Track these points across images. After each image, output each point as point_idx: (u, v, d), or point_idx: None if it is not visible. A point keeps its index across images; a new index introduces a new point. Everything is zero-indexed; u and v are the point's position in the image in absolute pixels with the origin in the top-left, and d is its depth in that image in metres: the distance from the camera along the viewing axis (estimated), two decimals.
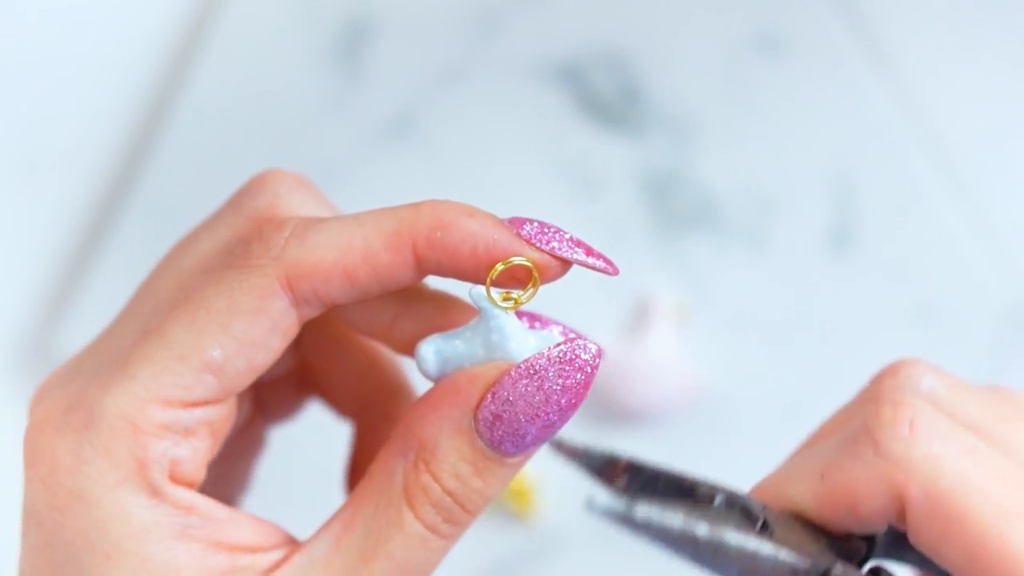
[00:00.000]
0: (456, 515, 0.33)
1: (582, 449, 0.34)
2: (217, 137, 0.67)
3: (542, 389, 0.32)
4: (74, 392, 0.32)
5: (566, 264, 0.33)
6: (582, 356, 0.32)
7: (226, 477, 0.40)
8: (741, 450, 0.61)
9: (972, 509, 0.31)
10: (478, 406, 0.32)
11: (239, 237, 0.33)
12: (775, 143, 0.65)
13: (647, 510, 0.31)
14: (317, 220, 0.33)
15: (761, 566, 0.31)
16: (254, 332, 0.32)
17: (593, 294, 0.65)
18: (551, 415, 0.32)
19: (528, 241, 0.33)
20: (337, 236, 0.33)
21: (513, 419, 0.32)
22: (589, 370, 0.32)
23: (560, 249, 0.33)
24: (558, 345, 0.32)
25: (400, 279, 0.33)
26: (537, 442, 0.32)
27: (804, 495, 0.33)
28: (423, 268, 0.33)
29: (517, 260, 0.33)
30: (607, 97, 0.66)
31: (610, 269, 0.33)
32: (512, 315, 0.33)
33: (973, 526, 0.31)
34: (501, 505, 0.64)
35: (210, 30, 0.67)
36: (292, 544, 0.34)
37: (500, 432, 0.32)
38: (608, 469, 0.34)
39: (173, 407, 0.32)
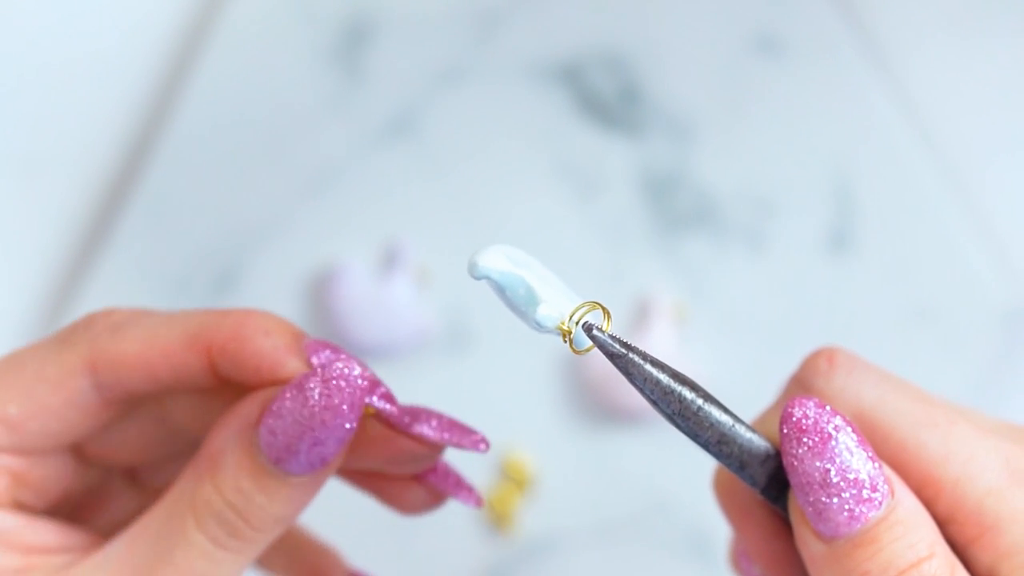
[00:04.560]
0: (241, 530, 0.33)
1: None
2: (217, 137, 0.67)
3: (306, 406, 0.32)
4: None
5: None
6: (344, 377, 0.32)
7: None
8: None
9: (891, 424, 0.34)
10: (259, 418, 0.33)
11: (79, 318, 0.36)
12: (775, 143, 0.65)
13: (643, 356, 0.33)
14: (142, 315, 0.35)
15: (736, 441, 0.33)
16: (53, 401, 0.35)
17: (593, 294, 0.65)
18: (317, 432, 0.32)
19: (312, 368, 0.34)
20: (145, 331, 0.35)
21: (284, 434, 0.32)
22: (350, 391, 0.32)
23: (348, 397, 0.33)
24: (322, 364, 0.33)
25: (196, 379, 0.35)
26: (314, 460, 0.33)
27: None
28: (218, 373, 0.35)
29: (373, 407, 0.34)
30: (607, 97, 0.66)
31: (391, 411, 0.34)
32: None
33: (895, 439, 0.34)
34: (482, 514, 0.64)
35: (210, 30, 0.67)
36: (91, 545, 0.35)
37: (276, 448, 0.33)
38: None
39: None
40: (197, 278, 0.66)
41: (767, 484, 0.34)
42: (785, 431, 0.32)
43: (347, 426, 0.32)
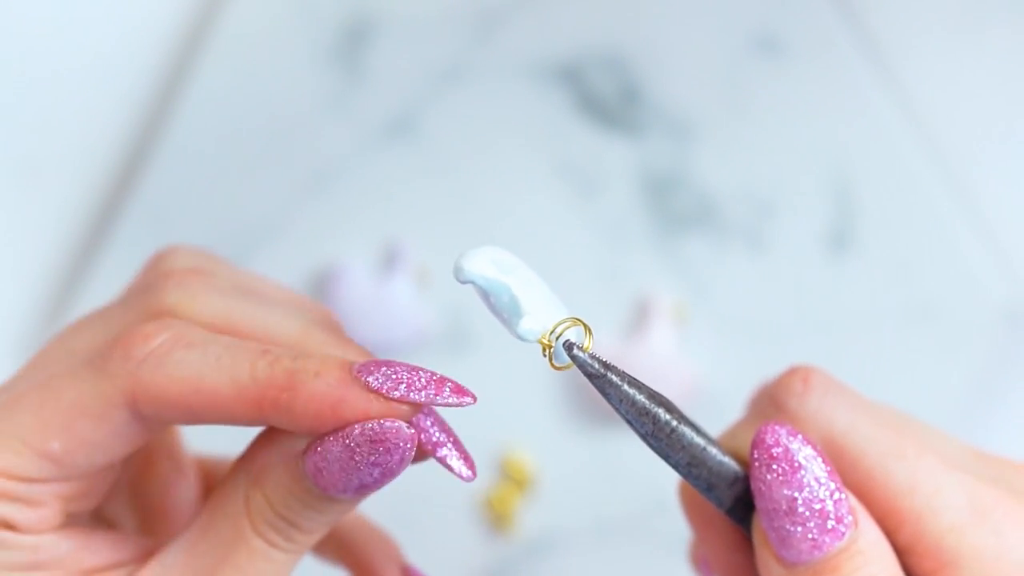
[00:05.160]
0: (294, 535, 0.34)
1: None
2: (217, 137, 0.67)
3: (354, 460, 0.32)
4: None
5: (417, 407, 0.33)
6: (392, 441, 0.32)
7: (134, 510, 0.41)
8: None
9: (860, 452, 0.34)
10: (306, 451, 0.33)
11: (114, 337, 0.35)
12: (775, 143, 0.65)
13: (620, 375, 0.33)
14: (186, 343, 0.34)
15: (708, 461, 0.34)
16: (96, 436, 0.34)
17: (592, 294, 0.65)
18: (366, 480, 0.33)
19: (376, 392, 0.33)
20: (189, 371, 0.33)
21: (330, 474, 0.33)
22: (400, 452, 0.32)
23: (409, 395, 0.33)
24: (369, 424, 0.32)
25: (241, 423, 0.34)
26: (363, 492, 0.33)
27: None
28: (268, 421, 0.34)
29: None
30: (607, 97, 0.66)
31: (465, 401, 0.34)
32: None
33: (862, 467, 0.34)
34: (482, 514, 0.64)
35: (210, 30, 0.67)
36: (150, 554, 0.35)
37: (323, 481, 0.33)
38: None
39: (10, 480, 0.34)
40: None
41: (733, 505, 0.35)
42: (756, 456, 0.33)
43: (396, 470, 0.33)
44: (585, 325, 0.33)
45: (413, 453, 0.33)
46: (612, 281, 0.65)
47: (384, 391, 0.33)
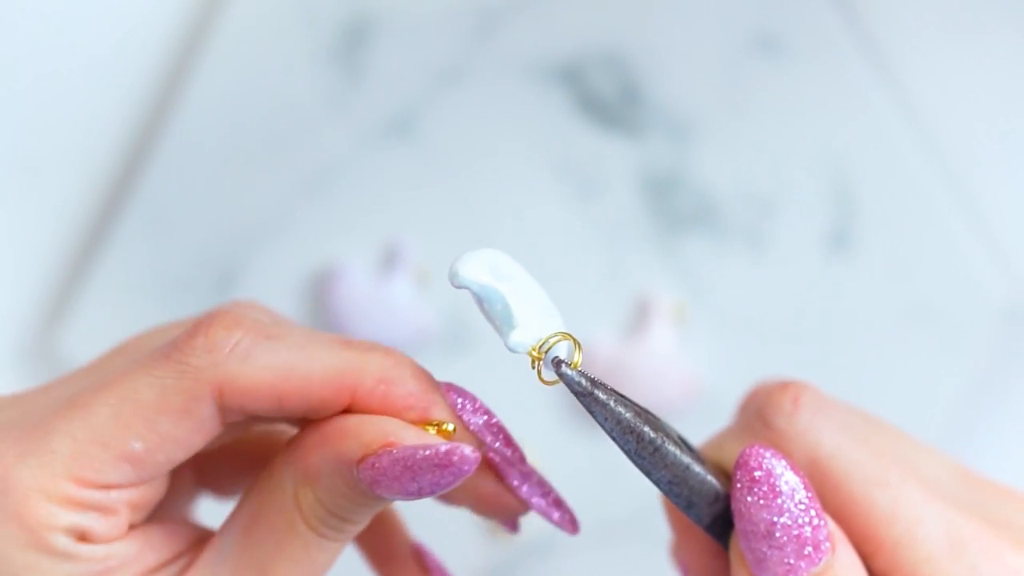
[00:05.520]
0: (344, 527, 0.35)
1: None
2: (217, 137, 0.67)
3: (415, 480, 0.33)
4: None
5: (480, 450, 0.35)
6: (456, 466, 0.33)
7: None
8: None
9: (844, 476, 0.34)
10: (360, 462, 0.33)
11: (188, 332, 0.34)
12: (775, 143, 0.65)
13: (607, 393, 0.33)
14: (266, 335, 0.34)
15: (690, 480, 0.34)
16: (178, 432, 0.33)
17: (592, 294, 0.65)
18: (423, 494, 0.33)
19: (454, 411, 0.35)
20: (278, 361, 0.33)
21: (388, 486, 0.33)
22: (462, 475, 0.33)
23: (487, 437, 0.36)
24: (435, 448, 0.33)
25: (325, 410, 0.34)
26: (418, 498, 0.34)
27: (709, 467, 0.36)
28: (353, 409, 0.34)
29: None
30: (607, 97, 0.66)
31: (509, 458, 0.36)
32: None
33: (844, 491, 0.34)
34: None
35: (210, 30, 0.67)
36: (201, 541, 0.36)
37: (379, 489, 0.33)
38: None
39: (87, 487, 0.33)
40: (197, 278, 0.66)
41: (712, 521, 0.35)
42: (738, 477, 0.33)
43: (454, 485, 0.33)
44: (575, 340, 0.34)
45: (471, 472, 0.33)
46: (612, 281, 0.65)
47: (464, 417, 0.35)
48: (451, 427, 0.35)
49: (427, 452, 0.33)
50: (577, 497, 0.66)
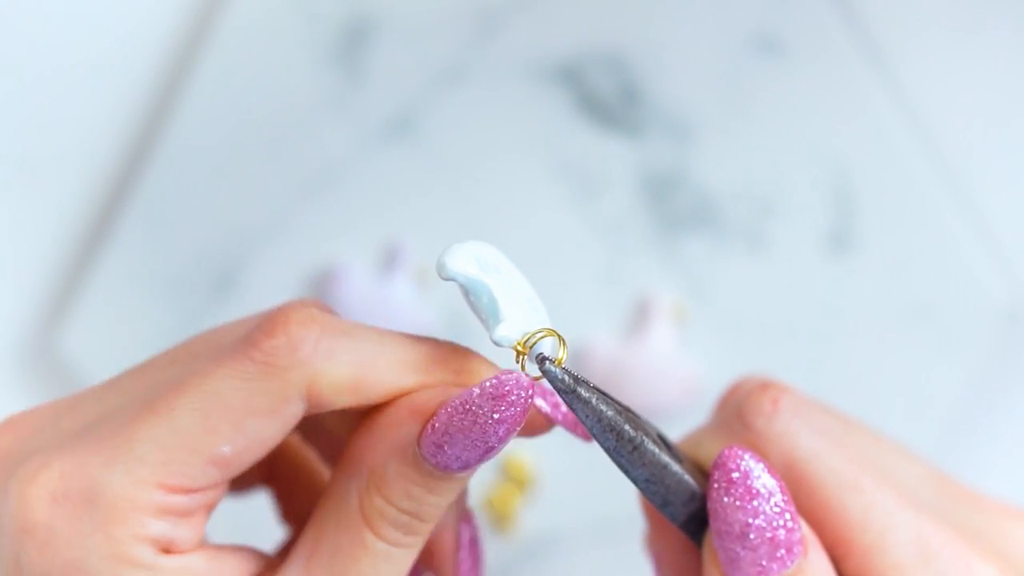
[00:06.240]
0: (415, 527, 0.34)
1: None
2: (217, 137, 0.67)
3: (478, 423, 0.32)
4: (71, 461, 0.33)
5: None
6: (513, 392, 0.33)
7: None
8: None
9: (819, 481, 0.35)
10: (420, 435, 0.33)
11: (263, 332, 0.33)
12: (775, 143, 0.65)
13: (590, 391, 0.33)
14: (342, 331, 0.34)
15: (668, 479, 0.34)
16: (266, 433, 0.33)
17: (592, 294, 0.65)
18: (491, 441, 0.33)
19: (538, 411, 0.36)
20: (360, 356, 0.34)
21: (454, 448, 0.33)
22: (522, 403, 0.33)
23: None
24: (489, 380, 0.33)
25: (394, 396, 0.34)
26: (484, 459, 0.33)
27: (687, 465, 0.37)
28: (436, 381, 0.35)
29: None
30: (607, 97, 0.66)
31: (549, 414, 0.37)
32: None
33: (818, 496, 0.35)
34: (483, 514, 0.64)
35: (210, 30, 0.67)
36: (272, 568, 0.35)
37: (444, 458, 0.33)
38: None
39: (175, 493, 0.33)
40: (197, 278, 0.66)
41: (687, 520, 0.35)
42: (716, 477, 0.34)
43: (519, 421, 0.33)
44: (560, 337, 0.34)
45: (531, 402, 0.33)
46: (612, 281, 0.65)
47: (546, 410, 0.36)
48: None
49: (480, 387, 0.33)
50: (577, 497, 0.66)
